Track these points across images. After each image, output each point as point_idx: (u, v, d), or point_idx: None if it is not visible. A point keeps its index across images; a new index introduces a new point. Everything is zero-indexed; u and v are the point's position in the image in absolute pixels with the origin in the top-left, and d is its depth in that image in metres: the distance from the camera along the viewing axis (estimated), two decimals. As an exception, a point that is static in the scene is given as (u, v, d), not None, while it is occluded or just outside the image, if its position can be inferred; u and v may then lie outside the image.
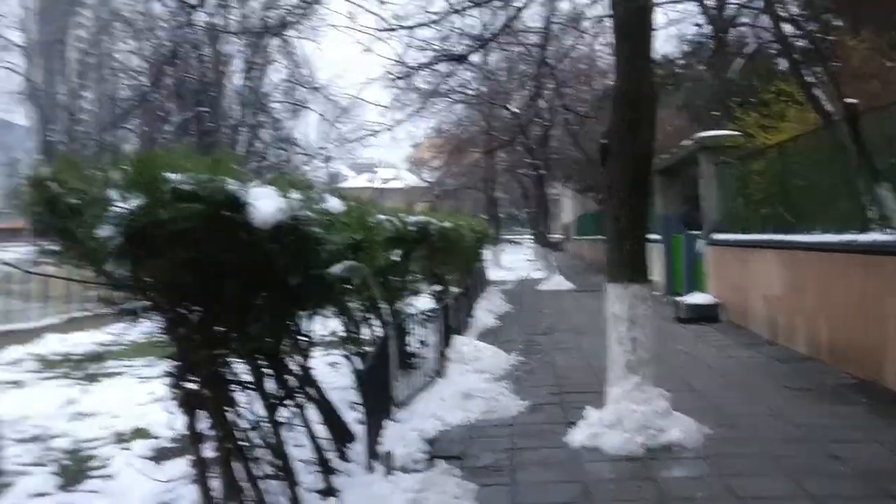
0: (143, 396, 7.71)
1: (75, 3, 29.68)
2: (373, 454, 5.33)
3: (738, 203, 13.08)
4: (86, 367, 8.49)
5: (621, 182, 6.24)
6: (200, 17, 20.22)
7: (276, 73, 29.87)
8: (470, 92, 28.94)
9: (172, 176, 3.12)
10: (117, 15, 27.07)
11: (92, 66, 30.39)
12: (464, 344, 9.47)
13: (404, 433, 5.91)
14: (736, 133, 14.02)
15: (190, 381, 3.78)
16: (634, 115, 6.21)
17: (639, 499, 4.73)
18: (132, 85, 27.96)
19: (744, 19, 18.85)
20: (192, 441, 3.91)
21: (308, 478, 4.99)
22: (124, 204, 3.13)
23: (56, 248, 3.66)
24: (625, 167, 6.23)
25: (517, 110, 23.69)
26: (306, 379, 5.20)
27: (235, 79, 28.41)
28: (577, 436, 5.95)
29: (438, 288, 11.21)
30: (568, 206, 50.23)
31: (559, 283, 21.86)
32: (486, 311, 15.20)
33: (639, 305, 6.17)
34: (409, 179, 55.17)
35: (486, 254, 23.68)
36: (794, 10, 14.28)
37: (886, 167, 8.10)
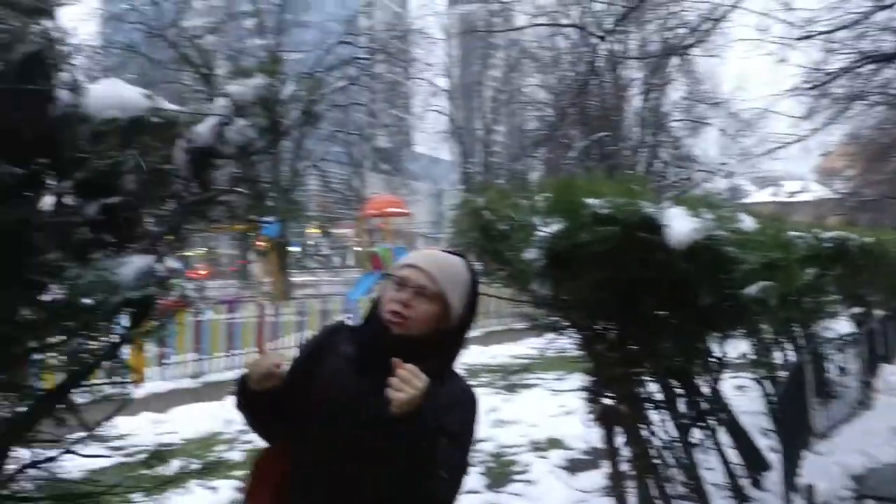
0: (555, 408, 8.18)
1: (490, 46, 32.71)
2: (790, 486, 5.03)
3: None
4: (506, 378, 9.23)
5: None
6: (602, 46, 20.91)
7: (675, 92, 29.68)
8: (893, 91, 25.83)
9: (591, 201, 3.32)
10: (526, 53, 29.15)
11: (503, 102, 33.19)
12: (893, 373, 8.46)
13: (826, 467, 5.48)
14: None
15: (606, 396, 3.95)
16: None
17: None
18: (539, 116, 29.83)
19: None
20: (608, 455, 4.07)
21: (720, 503, 4.88)
22: (547, 228, 3.41)
23: (487, 268, 4.12)
24: None
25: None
26: (717, 401, 5.10)
27: (634, 101, 28.82)
28: None
29: (859, 310, 10.15)
30: None
31: None
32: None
33: None
34: (818, 192, 50.69)
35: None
36: None
37: None
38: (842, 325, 9.15)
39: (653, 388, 4.41)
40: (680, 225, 3.29)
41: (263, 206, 2.23)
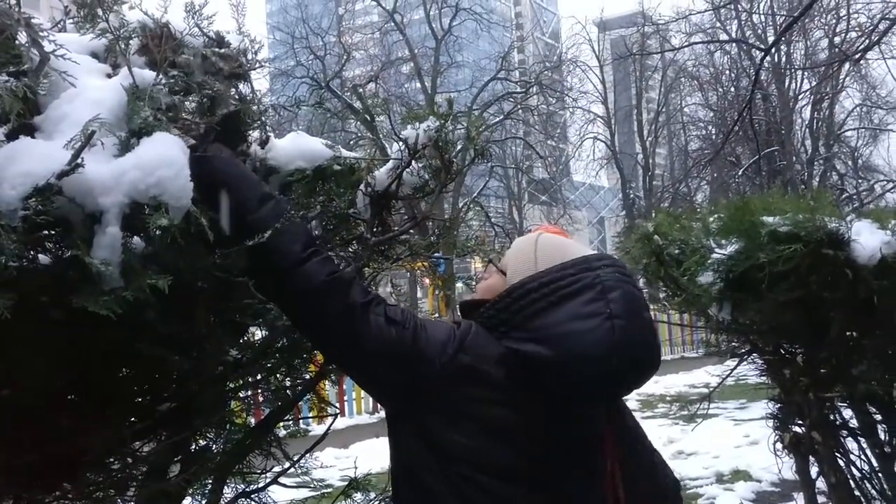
0: (739, 438, 7.80)
1: (646, 69, 32.16)
2: None
3: None
4: (685, 408, 8.91)
5: None
6: (765, 59, 20.07)
7: (849, 100, 27.93)
8: None
9: (769, 219, 3.19)
10: (684, 72, 28.44)
11: (663, 124, 32.46)
12: None
13: None
14: None
15: (796, 424, 3.74)
16: None
17: None
18: (701, 135, 28.94)
19: None
20: (803, 486, 3.84)
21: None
22: (723, 250, 3.30)
23: (662, 294, 4.03)
24: None
25: None
26: None
27: (805, 112, 27.38)
28: None
29: None
30: None
31: None
32: None
33: None
34: None
35: None
36: None
37: None
38: None
39: (847, 415, 4.13)
40: (868, 240, 3.09)
41: (435, 244, 2.31)
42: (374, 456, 8.40)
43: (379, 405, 10.17)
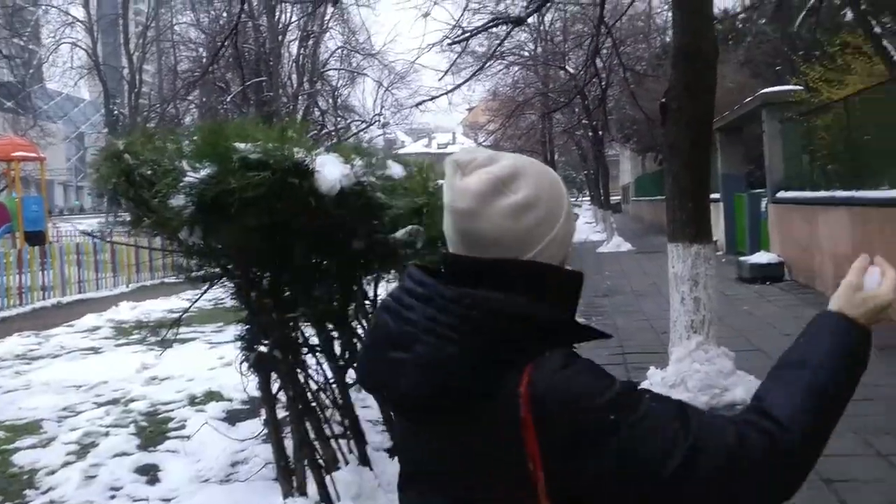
0: (214, 361, 7.97)
1: (134, -23, 30.23)
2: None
3: (803, 160, 12.77)
4: (159, 333, 8.78)
5: (682, 142, 6.16)
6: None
7: (332, 41, 30.03)
8: (526, 53, 28.65)
9: (241, 146, 3.22)
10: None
11: (152, 40, 31.01)
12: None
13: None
14: (800, 88, 13.60)
15: (262, 344, 3.92)
16: (694, 73, 6.10)
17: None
18: (192, 57, 28.41)
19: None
20: (264, 402, 4.06)
21: (376, 437, 5.13)
22: (196, 174, 3.24)
23: (130, 217, 3.82)
24: (685, 126, 6.14)
25: (573, 71, 23.36)
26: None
27: (292, 48, 28.63)
28: (640, 396, 5.97)
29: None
30: (627, 167, 49.47)
31: (619, 244, 21.68)
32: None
33: (702, 265, 6.12)
34: (466, 144, 55.01)
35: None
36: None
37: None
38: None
39: (309, 333, 4.47)
40: (330, 171, 3.32)
41: None
42: None
43: None
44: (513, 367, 1.05)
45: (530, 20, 16.70)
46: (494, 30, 12.24)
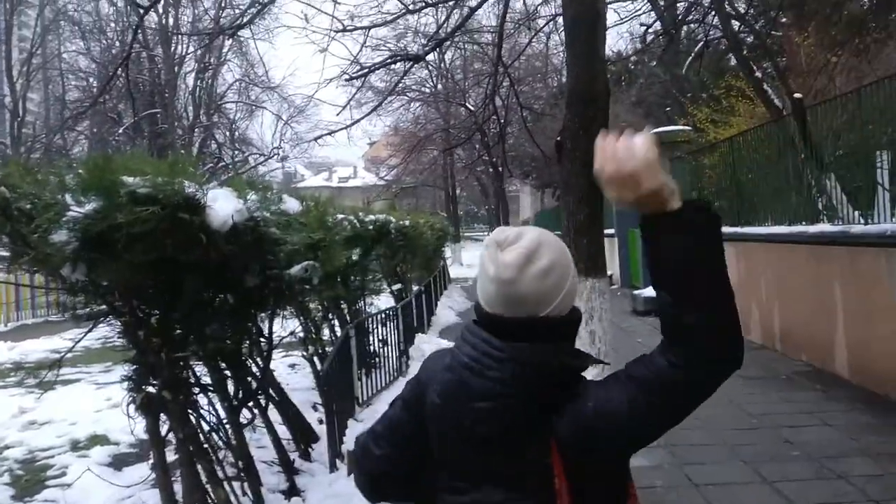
0: (100, 403, 7.60)
1: (20, 2, 29.02)
2: (336, 454, 5.34)
3: (691, 197, 13.28)
4: (39, 375, 8.30)
5: (577, 179, 6.30)
6: (152, 18, 19.90)
7: (230, 74, 29.62)
8: (426, 90, 28.99)
9: (129, 179, 3.10)
10: (63, 14, 26.54)
11: (37, 67, 29.74)
12: (425, 342, 9.50)
13: (367, 432, 5.91)
14: (688, 128, 14.25)
15: (150, 384, 3.75)
16: (588, 112, 6.27)
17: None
18: (81, 86, 27.47)
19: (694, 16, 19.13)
20: (153, 444, 3.88)
21: (272, 478, 4.98)
22: (80, 208, 3.10)
23: (7, 253, 3.61)
24: (580, 164, 6.28)
25: (473, 108, 23.75)
26: (267, 380, 5.19)
27: (189, 79, 28.08)
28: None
29: (399, 286, 11.21)
30: (527, 202, 50.51)
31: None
32: (448, 308, 15.25)
33: (596, 298, 6.23)
34: (367, 178, 54.94)
35: (447, 251, 23.71)
36: (742, 7, 14.55)
37: (832, 160, 8.32)
38: (384, 301, 9.96)
39: (201, 372, 4.31)
40: (222, 206, 3.24)
41: None
42: None
43: None
44: (550, 410, 1.39)
45: (430, 57, 16.91)
46: (394, 67, 12.34)
